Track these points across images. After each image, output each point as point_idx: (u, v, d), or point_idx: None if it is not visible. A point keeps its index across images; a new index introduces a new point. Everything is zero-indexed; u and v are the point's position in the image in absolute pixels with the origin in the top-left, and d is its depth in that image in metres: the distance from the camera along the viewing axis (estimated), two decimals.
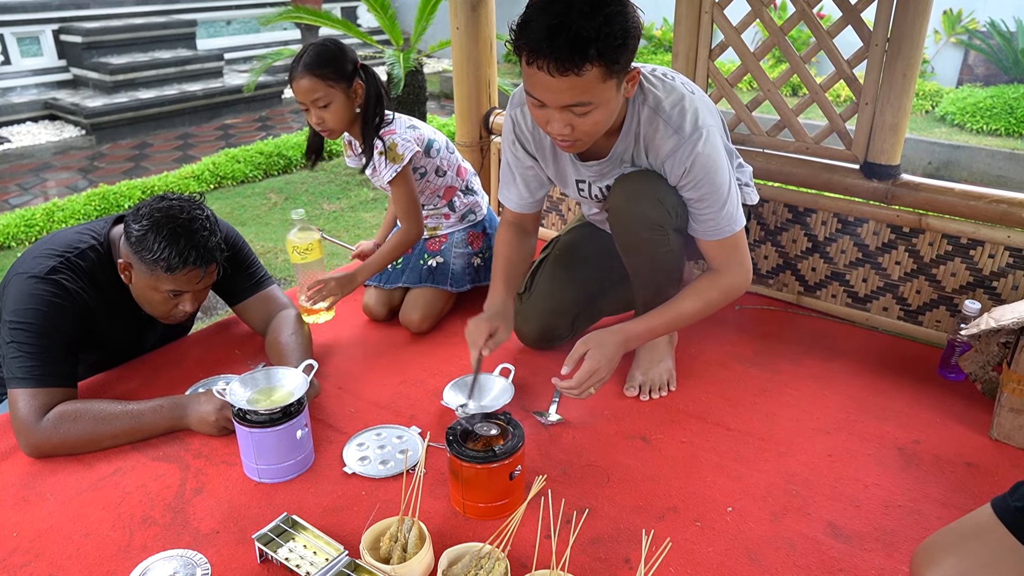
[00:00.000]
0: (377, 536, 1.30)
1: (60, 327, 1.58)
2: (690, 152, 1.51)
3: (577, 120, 1.40)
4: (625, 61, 1.36)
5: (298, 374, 1.56)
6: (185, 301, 1.66)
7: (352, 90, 1.95)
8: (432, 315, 2.14)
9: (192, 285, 1.63)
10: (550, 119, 1.41)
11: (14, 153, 5.78)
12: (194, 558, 1.28)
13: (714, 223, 1.60)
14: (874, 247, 2.13)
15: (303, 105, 1.95)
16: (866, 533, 1.38)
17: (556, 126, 1.41)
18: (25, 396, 1.54)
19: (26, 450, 1.57)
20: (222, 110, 6.85)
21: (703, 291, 1.64)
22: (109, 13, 7.16)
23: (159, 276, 1.58)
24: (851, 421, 1.72)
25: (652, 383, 1.81)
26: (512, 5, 1.90)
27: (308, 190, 4.83)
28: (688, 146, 1.51)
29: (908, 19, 1.89)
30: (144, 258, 1.56)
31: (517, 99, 1.69)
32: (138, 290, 1.65)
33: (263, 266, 1.95)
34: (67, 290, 1.60)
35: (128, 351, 1.92)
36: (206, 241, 1.58)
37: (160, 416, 1.62)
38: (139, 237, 1.55)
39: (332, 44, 1.93)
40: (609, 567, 1.30)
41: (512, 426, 1.44)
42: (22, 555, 1.34)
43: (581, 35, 1.27)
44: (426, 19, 5.06)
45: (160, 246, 1.54)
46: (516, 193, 1.82)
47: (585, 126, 1.41)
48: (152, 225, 1.54)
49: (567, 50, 1.28)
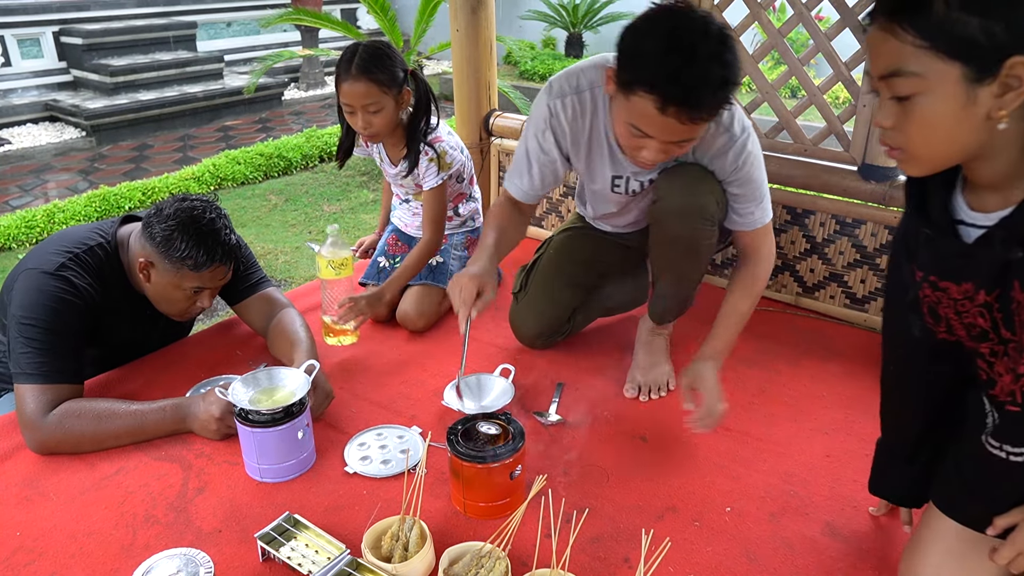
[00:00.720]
0: (378, 535, 1.31)
1: (69, 323, 1.60)
2: (741, 151, 1.59)
3: (677, 149, 1.44)
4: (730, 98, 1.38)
5: (300, 374, 1.57)
6: (204, 297, 1.73)
7: (401, 96, 1.95)
8: (430, 313, 2.15)
9: (216, 281, 1.71)
10: (646, 147, 1.42)
11: (15, 154, 5.79)
12: (197, 557, 1.29)
13: (753, 215, 1.67)
14: (872, 248, 2.14)
15: (348, 108, 1.93)
16: (864, 533, 1.39)
17: (652, 155, 1.43)
18: (33, 392, 1.55)
19: (31, 445, 1.58)
20: (222, 112, 6.86)
21: (750, 287, 1.70)
22: (109, 15, 7.16)
23: (184, 274, 1.64)
24: (849, 422, 1.73)
25: (652, 384, 1.83)
26: (512, 7, 1.91)
27: (308, 192, 4.84)
28: (739, 146, 1.58)
29: None
30: (171, 256, 1.62)
31: (558, 90, 1.65)
32: (158, 288, 1.69)
33: (261, 267, 1.97)
34: (76, 286, 1.61)
35: (130, 349, 1.94)
36: (229, 239, 1.68)
37: (163, 418, 1.64)
38: (165, 237, 1.61)
39: (385, 48, 1.92)
40: (609, 566, 1.31)
41: (512, 426, 1.45)
42: (25, 554, 1.34)
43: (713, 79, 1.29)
44: (426, 21, 5.07)
45: (188, 245, 1.61)
46: (528, 183, 1.77)
47: (680, 152, 1.47)
48: (179, 225, 1.61)
49: (708, 101, 1.32)
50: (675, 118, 1.32)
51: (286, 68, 7.97)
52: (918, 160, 0.93)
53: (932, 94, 0.84)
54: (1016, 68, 0.79)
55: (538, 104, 1.70)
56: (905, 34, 0.83)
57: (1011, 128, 0.86)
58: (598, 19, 8.38)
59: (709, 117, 1.37)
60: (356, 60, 1.87)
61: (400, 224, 2.33)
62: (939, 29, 0.80)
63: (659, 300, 1.85)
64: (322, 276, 1.98)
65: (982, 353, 1.05)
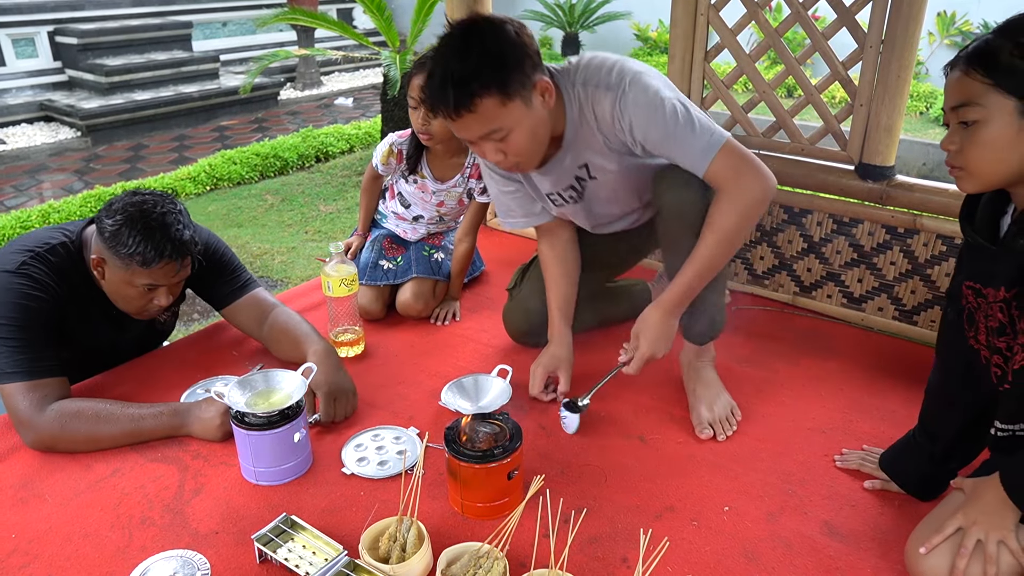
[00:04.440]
0: (376, 536, 1.30)
1: (38, 319, 1.59)
2: (621, 98, 1.47)
3: (502, 145, 1.46)
4: (517, 80, 1.39)
5: (297, 377, 1.56)
6: (160, 295, 1.66)
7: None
8: (431, 303, 2.23)
9: (168, 279, 1.63)
10: (483, 151, 1.49)
11: (9, 155, 5.76)
12: (194, 559, 1.29)
13: (693, 149, 1.47)
14: (869, 248, 2.14)
15: (413, 102, 1.95)
16: (862, 532, 1.39)
17: (490, 155, 1.49)
18: (21, 390, 1.55)
19: (29, 442, 1.58)
20: (218, 112, 6.84)
21: (716, 222, 1.48)
22: (104, 15, 7.13)
23: (134, 270, 1.58)
24: (847, 421, 1.73)
25: (721, 419, 1.70)
26: (508, 7, 1.91)
27: (304, 192, 4.83)
28: (619, 97, 1.48)
29: (902, 21, 1.90)
30: (119, 253, 1.56)
31: None
32: (112, 286, 1.65)
33: (247, 270, 1.94)
34: (39, 282, 1.60)
35: (99, 353, 1.89)
36: (180, 235, 1.60)
37: (159, 423, 1.63)
38: (113, 232, 1.56)
39: None
40: (607, 566, 1.31)
41: (510, 426, 1.45)
42: (21, 556, 1.34)
43: (459, 77, 1.36)
44: (422, 20, 5.05)
45: (135, 240, 1.55)
46: (518, 214, 1.82)
47: (514, 147, 1.47)
48: (126, 220, 1.55)
49: (454, 94, 1.38)
50: (445, 116, 1.43)
51: (282, 68, 7.94)
52: (972, 177, 1.13)
53: (992, 122, 1.07)
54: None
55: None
56: (976, 74, 1.07)
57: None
58: (595, 19, 8.37)
59: (467, 106, 1.38)
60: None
61: (399, 231, 2.35)
62: (1002, 71, 1.05)
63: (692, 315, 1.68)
64: (333, 294, 1.96)
65: (999, 348, 1.18)
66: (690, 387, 1.77)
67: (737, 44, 2.21)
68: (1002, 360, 1.19)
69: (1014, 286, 1.13)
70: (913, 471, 1.45)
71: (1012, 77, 1.04)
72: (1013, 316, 1.14)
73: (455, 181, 2.19)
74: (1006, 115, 1.06)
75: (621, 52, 7.72)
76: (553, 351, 1.80)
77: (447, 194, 2.22)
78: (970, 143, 1.10)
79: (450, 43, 1.41)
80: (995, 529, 1.17)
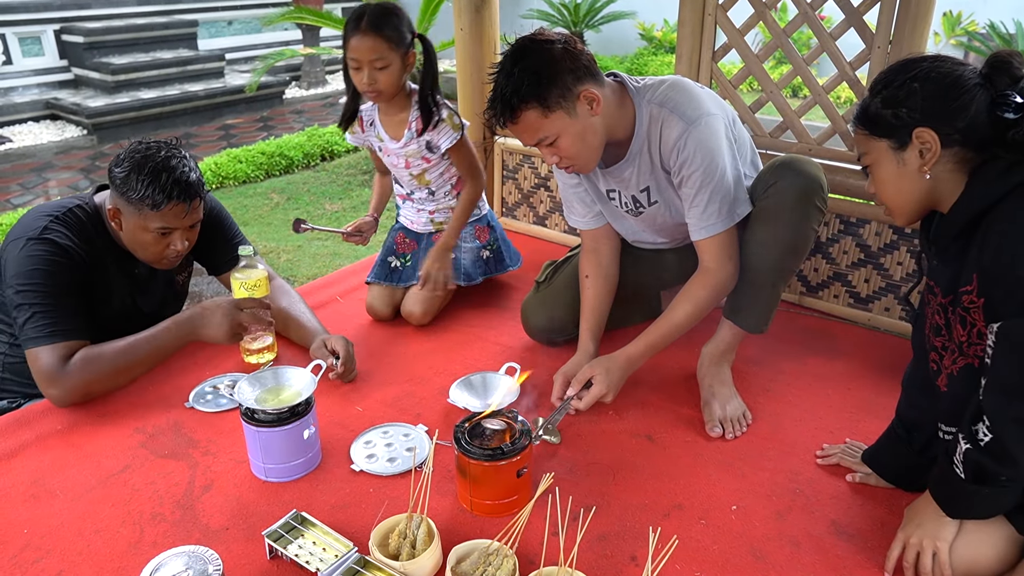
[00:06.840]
0: (386, 533, 1.31)
1: (64, 282, 1.65)
2: (688, 136, 1.58)
3: (553, 149, 1.59)
4: (556, 94, 1.51)
5: (307, 374, 1.57)
6: (175, 239, 1.71)
7: (407, 56, 1.97)
8: (434, 309, 2.18)
9: (179, 221, 1.68)
10: (543, 153, 1.62)
11: (16, 153, 5.79)
12: (205, 554, 1.29)
13: (709, 212, 1.62)
14: (876, 248, 2.14)
15: (355, 63, 1.94)
16: (870, 532, 1.39)
17: (547, 157, 1.62)
18: (46, 351, 1.62)
19: (57, 400, 1.66)
20: (223, 110, 6.86)
21: (694, 295, 1.68)
22: (111, 13, 7.15)
23: (146, 215, 1.64)
24: (854, 420, 1.73)
25: (733, 419, 1.71)
26: (513, 6, 1.92)
27: (310, 190, 4.84)
28: (690, 131, 1.58)
29: (910, 21, 1.90)
30: (130, 199, 1.63)
31: None
32: (129, 235, 1.71)
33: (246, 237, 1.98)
34: (62, 247, 1.66)
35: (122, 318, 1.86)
36: (187, 176, 1.65)
37: (171, 335, 1.74)
38: (123, 179, 1.63)
39: (394, 8, 1.95)
40: (616, 564, 1.32)
41: (519, 424, 1.45)
42: (33, 551, 1.35)
43: (503, 93, 1.52)
44: (428, 20, 5.07)
45: (143, 184, 1.61)
46: (578, 211, 1.90)
47: (564, 151, 1.59)
48: (133, 166, 1.62)
49: (500, 109, 1.55)
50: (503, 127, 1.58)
51: (287, 67, 7.96)
52: (893, 211, 1.30)
53: (880, 164, 1.26)
54: (921, 135, 1.18)
55: None
56: (860, 130, 1.27)
57: (949, 178, 1.20)
58: (599, 18, 8.36)
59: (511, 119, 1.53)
60: (366, 17, 1.90)
61: (407, 222, 2.32)
62: (871, 121, 1.24)
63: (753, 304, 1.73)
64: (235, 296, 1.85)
65: (935, 346, 1.30)
66: (706, 382, 1.78)
67: (744, 44, 2.22)
68: (938, 357, 1.30)
69: (948, 294, 1.24)
70: (893, 462, 1.48)
71: (879, 124, 1.23)
72: (949, 320, 1.25)
73: (407, 137, 2.10)
74: (886, 154, 1.24)
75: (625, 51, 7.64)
76: (579, 360, 1.82)
77: (407, 153, 2.13)
78: (875, 185, 1.29)
79: (502, 63, 1.55)
80: (929, 539, 1.24)
